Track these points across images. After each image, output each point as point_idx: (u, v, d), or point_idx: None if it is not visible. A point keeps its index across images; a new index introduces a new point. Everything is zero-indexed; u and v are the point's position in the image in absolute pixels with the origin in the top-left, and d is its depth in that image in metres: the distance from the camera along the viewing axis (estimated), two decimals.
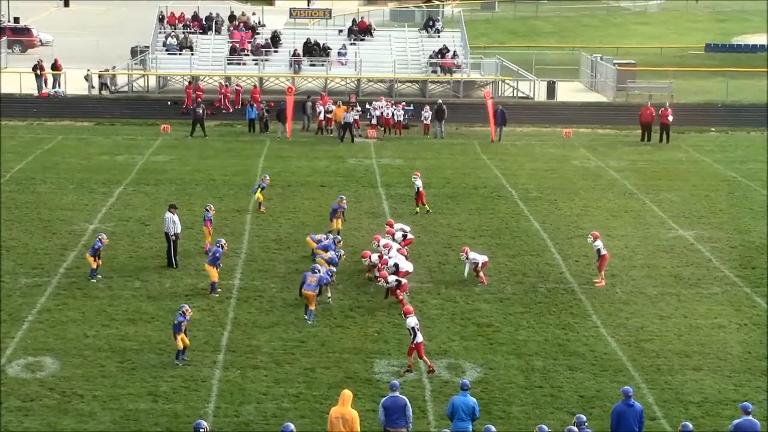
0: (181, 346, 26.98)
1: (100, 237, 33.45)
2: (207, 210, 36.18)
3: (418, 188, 41.45)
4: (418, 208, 41.56)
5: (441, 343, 28.62)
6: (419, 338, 26.56)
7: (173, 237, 34.50)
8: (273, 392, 25.49)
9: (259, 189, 41.22)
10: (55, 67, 68.60)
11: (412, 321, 26.77)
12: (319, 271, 30.65)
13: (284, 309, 30.88)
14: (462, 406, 22.13)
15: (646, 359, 27.91)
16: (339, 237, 34.81)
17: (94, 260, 32.94)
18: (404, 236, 34.88)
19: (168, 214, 34.64)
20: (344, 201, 38.20)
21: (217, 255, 32.14)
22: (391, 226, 35.62)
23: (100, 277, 33.08)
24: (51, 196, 43.54)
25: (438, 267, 34.76)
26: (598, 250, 33.57)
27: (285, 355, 27.61)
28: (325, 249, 33.31)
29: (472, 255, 33.39)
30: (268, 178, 42.38)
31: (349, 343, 28.51)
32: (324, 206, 41.53)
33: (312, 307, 30.07)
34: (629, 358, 27.97)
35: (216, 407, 24.66)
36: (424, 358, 26.78)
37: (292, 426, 20.54)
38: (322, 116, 58.86)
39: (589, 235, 34.33)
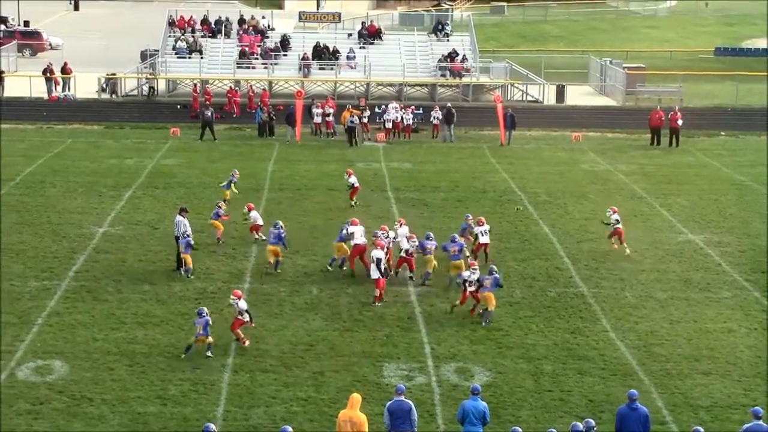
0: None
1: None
2: (218, 207, 38.11)
3: (353, 185, 42.86)
4: (353, 202, 42.92)
5: (450, 347, 28.61)
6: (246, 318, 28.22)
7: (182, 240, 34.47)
8: (282, 396, 25.49)
9: (232, 185, 42.32)
10: (65, 70, 68.73)
11: (243, 304, 28.37)
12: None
13: (293, 313, 30.88)
14: (473, 410, 22.08)
15: (655, 363, 27.86)
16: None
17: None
18: (406, 251, 34.02)
19: (179, 218, 34.64)
20: (470, 219, 36.97)
21: (282, 234, 34.32)
22: (402, 224, 35.41)
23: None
24: (60, 199, 43.60)
25: (447, 271, 34.70)
26: (617, 220, 36.66)
27: (294, 359, 27.61)
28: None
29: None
30: (237, 172, 43.38)
31: (358, 347, 28.50)
32: (333, 209, 41.58)
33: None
34: (639, 362, 27.92)
35: (225, 410, 24.66)
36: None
37: (289, 428, 20.56)
38: (319, 119, 58.86)
39: (609, 209, 37.35)
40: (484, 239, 35.41)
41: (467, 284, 30.60)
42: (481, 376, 26.81)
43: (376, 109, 60.65)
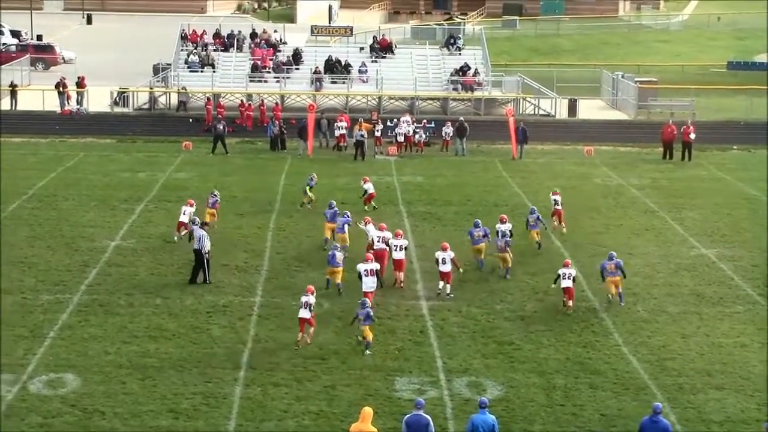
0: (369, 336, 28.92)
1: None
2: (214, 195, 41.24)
3: (366, 191, 44.59)
4: (366, 207, 44.40)
5: (462, 361, 28.57)
6: None
7: (207, 254, 34.53)
8: (294, 409, 25.47)
9: (308, 188, 44.65)
10: (80, 84, 68.92)
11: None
12: None
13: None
14: (482, 424, 22.03)
15: (668, 378, 27.80)
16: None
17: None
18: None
19: (201, 231, 34.75)
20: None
21: (349, 222, 37.38)
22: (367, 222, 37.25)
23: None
24: (73, 212, 43.69)
25: (459, 285, 34.67)
26: (556, 201, 41.27)
27: (306, 373, 27.60)
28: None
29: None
30: (315, 176, 45.51)
31: (370, 361, 28.48)
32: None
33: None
34: (651, 376, 27.86)
35: (237, 424, 24.65)
36: None
37: None
38: (344, 131, 58.86)
39: (551, 192, 42.32)
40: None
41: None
42: (493, 390, 26.77)
43: (388, 123, 60.69)
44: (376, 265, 32.28)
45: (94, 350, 28.81)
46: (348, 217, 37.85)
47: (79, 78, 69.48)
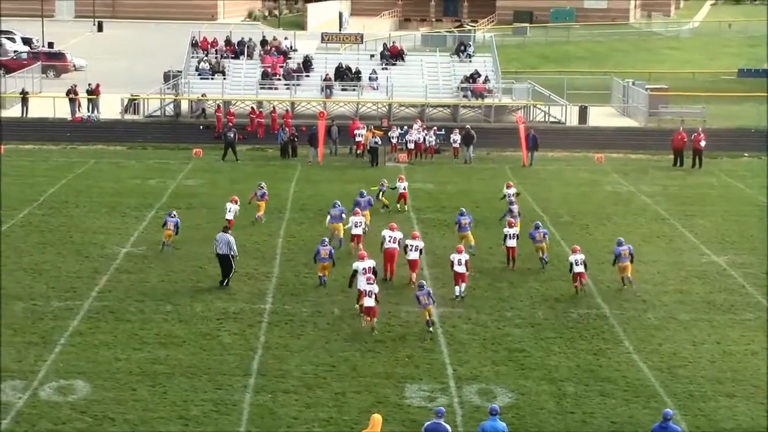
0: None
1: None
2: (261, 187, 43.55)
3: (397, 189, 46.23)
4: (398, 206, 45.84)
5: (472, 368, 28.54)
6: None
7: (233, 256, 34.98)
8: (304, 416, 25.46)
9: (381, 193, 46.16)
10: (94, 91, 69.06)
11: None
12: None
13: (315, 333, 30.86)
14: (492, 431, 22.02)
15: (678, 385, 27.74)
16: None
17: None
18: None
19: (227, 236, 35.05)
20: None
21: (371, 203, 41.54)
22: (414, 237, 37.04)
23: None
24: (83, 219, 43.76)
25: (469, 292, 34.64)
26: (506, 195, 42.97)
27: (316, 380, 27.59)
28: None
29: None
30: (386, 181, 47.01)
31: (380, 368, 28.46)
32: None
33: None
34: (662, 384, 27.80)
35: (247, 431, 24.64)
36: None
37: None
38: (361, 139, 58.90)
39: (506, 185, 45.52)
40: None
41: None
42: (503, 397, 26.74)
43: (399, 130, 60.70)
44: (372, 263, 32.69)
45: (104, 357, 28.83)
46: (368, 197, 41.86)
47: (90, 85, 69.54)
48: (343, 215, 39.40)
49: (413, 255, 35.20)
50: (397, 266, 35.78)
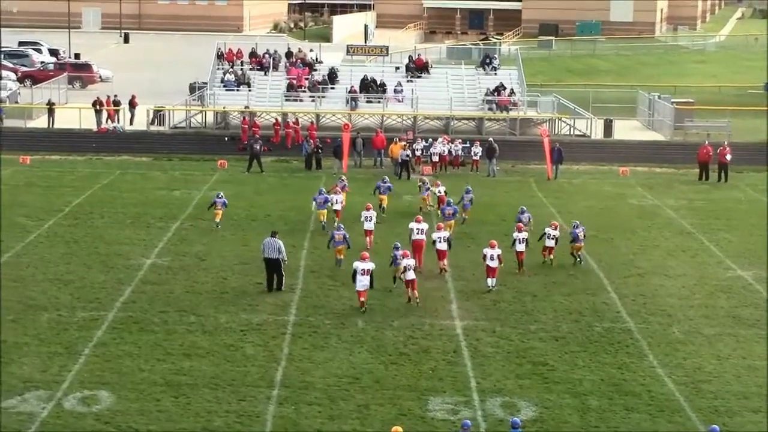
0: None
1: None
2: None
3: (435, 193, 47.78)
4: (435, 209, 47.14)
5: (496, 381, 28.49)
6: None
7: (284, 261, 35.68)
8: (327, 428, 25.45)
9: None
10: (132, 103, 69.87)
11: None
12: None
13: (339, 345, 30.87)
14: None
15: (703, 400, 27.61)
16: None
17: None
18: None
19: (277, 241, 35.54)
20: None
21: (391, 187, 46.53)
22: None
23: None
24: (108, 230, 43.90)
25: (493, 305, 34.63)
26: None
27: (339, 392, 27.58)
28: None
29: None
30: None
31: (404, 380, 28.44)
32: (379, 242, 41.37)
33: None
34: (686, 398, 27.68)
35: None
36: None
37: None
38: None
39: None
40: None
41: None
42: (527, 410, 26.67)
43: (423, 143, 60.69)
44: (371, 265, 33.77)
45: (128, 367, 28.90)
46: (387, 182, 47.06)
47: (116, 96, 69.88)
48: (327, 203, 44.19)
49: (442, 246, 37.86)
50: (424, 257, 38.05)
